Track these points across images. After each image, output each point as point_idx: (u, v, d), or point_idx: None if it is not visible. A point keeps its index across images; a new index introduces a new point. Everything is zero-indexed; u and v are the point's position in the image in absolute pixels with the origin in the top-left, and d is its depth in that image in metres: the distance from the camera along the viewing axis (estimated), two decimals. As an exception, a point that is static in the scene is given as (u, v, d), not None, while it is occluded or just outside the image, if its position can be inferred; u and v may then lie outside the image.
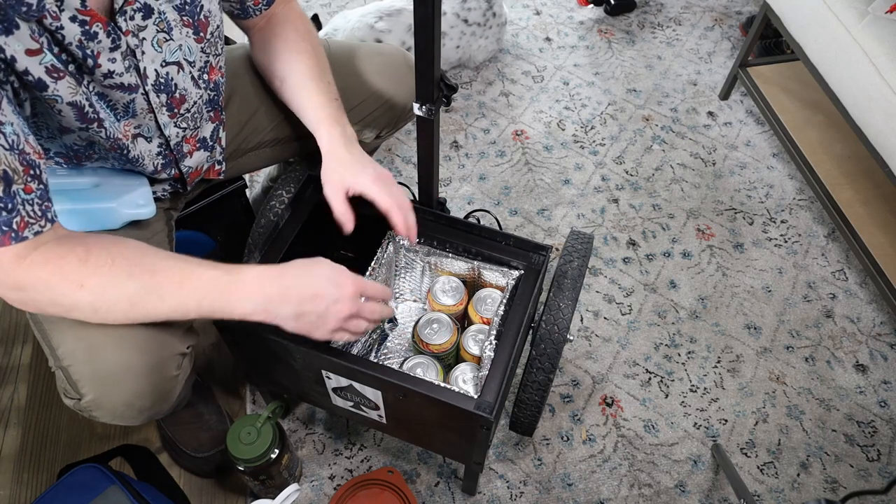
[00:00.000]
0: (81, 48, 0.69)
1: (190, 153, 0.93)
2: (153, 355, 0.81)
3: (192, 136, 0.91)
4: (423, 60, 0.87)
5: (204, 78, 0.87)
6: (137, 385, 0.81)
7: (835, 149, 1.57)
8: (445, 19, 1.73)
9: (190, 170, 0.94)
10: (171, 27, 0.78)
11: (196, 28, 0.82)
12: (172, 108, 0.84)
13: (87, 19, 0.67)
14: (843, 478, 1.20)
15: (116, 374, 0.79)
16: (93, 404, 0.80)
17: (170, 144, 0.88)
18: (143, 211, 0.88)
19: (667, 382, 1.31)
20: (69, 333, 0.78)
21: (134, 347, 0.79)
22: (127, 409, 0.82)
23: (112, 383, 0.79)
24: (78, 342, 0.78)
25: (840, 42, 1.33)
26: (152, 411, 0.87)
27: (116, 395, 0.80)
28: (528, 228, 1.55)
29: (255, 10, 0.94)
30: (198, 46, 0.83)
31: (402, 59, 1.13)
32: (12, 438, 1.23)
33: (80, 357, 0.78)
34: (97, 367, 0.78)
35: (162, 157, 0.89)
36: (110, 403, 0.81)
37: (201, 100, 0.89)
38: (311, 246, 1.03)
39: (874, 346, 1.37)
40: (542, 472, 1.19)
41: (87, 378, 0.79)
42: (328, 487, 1.17)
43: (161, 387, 0.84)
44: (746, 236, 1.55)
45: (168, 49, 0.79)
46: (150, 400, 0.84)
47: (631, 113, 1.81)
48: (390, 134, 1.20)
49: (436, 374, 0.96)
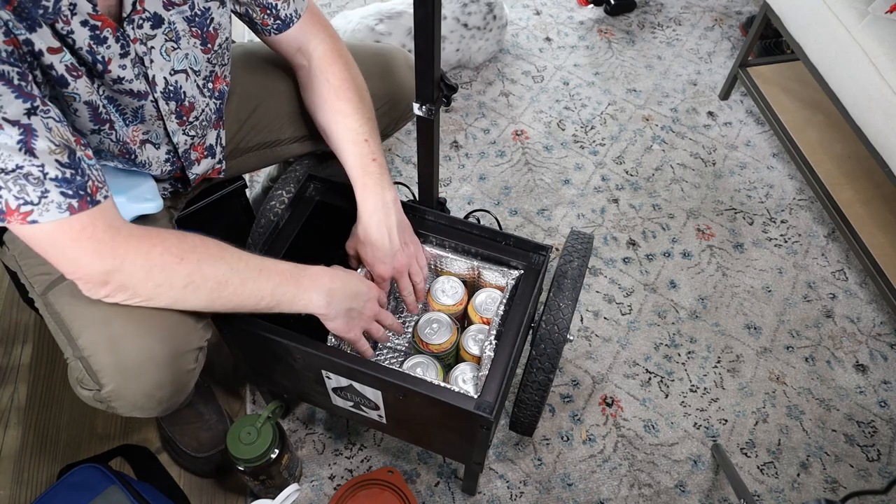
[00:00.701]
0: (91, 53, 0.70)
1: (198, 160, 0.94)
2: (174, 347, 0.81)
3: (199, 144, 0.92)
4: (423, 61, 0.87)
5: (209, 87, 0.88)
6: (159, 375, 0.81)
7: (835, 149, 1.57)
8: (445, 24, 1.73)
9: (196, 176, 0.95)
10: (180, 37, 0.79)
11: (204, 39, 0.82)
12: (182, 116, 0.85)
13: (98, 24, 0.69)
14: (843, 478, 1.20)
15: (139, 364, 0.79)
16: (113, 394, 0.80)
17: (178, 152, 0.89)
18: (151, 205, 0.88)
19: (667, 382, 1.31)
20: (90, 324, 0.78)
21: (156, 338, 0.79)
22: (147, 399, 0.82)
23: (134, 373, 0.79)
24: (100, 332, 0.78)
25: (840, 42, 1.33)
26: (170, 402, 0.87)
27: (137, 386, 0.80)
28: (528, 228, 1.55)
29: (265, 30, 0.93)
30: (204, 57, 0.84)
31: (402, 59, 1.13)
32: (12, 438, 1.23)
33: (102, 347, 0.78)
34: (120, 357, 0.78)
35: (170, 164, 0.90)
36: (131, 394, 0.81)
37: (208, 108, 0.89)
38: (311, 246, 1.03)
39: (874, 346, 1.37)
40: (542, 472, 1.19)
41: (109, 368, 0.78)
42: (328, 487, 1.17)
43: (180, 379, 0.84)
44: (746, 236, 1.55)
45: (176, 58, 0.80)
46: (170, 391, 0.84)
47: (631, 113, 1.81)
48: (390, 134, 1.20)
49: (436, 374, 0.96)
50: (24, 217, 0.64)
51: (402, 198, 1.11)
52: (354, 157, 0.94)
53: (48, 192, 0.64)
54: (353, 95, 0.96)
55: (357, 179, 0.94)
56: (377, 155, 0.95)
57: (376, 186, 0.94)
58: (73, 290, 0.79)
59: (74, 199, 0.66)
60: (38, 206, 0.64)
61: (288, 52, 0.97)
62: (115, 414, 0.85)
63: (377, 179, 0.94)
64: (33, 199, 0.64)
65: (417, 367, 0.97)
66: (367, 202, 0.94)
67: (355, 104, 0.96)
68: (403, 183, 1.38)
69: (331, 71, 0.96)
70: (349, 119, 0.95)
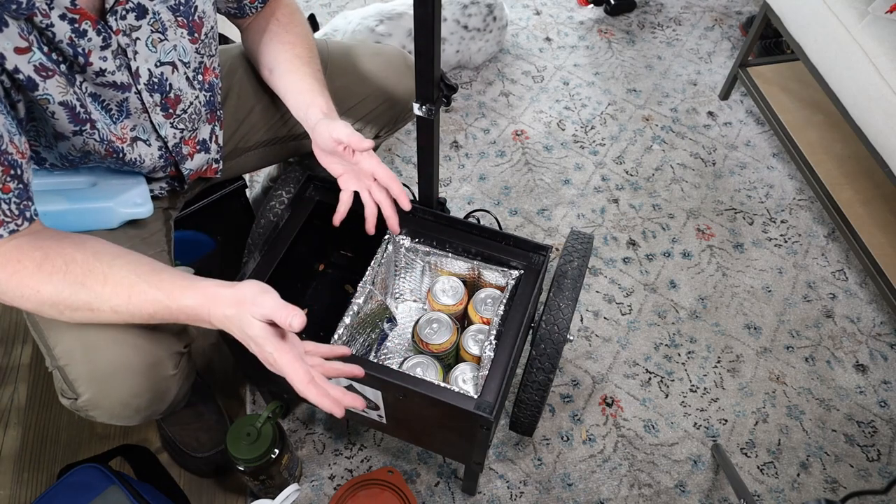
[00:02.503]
0: (72, 46, 0.69)
1: (191, 155, 0.93)
2: (150, 354, 0.81)
3: (190, 139, 0.91)
4: (423, 60, 0.87)
5: (199, 79, 0.87)
6: (134, 384, 0.81)
7: (835, 149, 1.57)
8: (445, 25, 1.73)
9: (190, 171, 0.95)
10: (166, 27, 0.78)
11: (191, 29, 0.82)
12: (167, 108, 0.84)
13: (77, 17, 0.68)
14: (843, 478, 1.20)
15: (113, 373, 0.79)
16: (89, 404, 0.81)
17: (168, 146, 0.88)
18: (141, 210, 0.88)
19: (667, 382, 1.31)
20: (65, 333, 0.78)
21: (130, 346, 0.79)
22: (123, 408, 0.82)
23: (109, 382, 0.79)
24: (74, 342, 0.78)
25: (840, 42, 1.33)
26: (149, 411, 0.87)
27: (113, 395, 0.80)
28: (528, 228, 1.55)
29: (251, 8, 0.95)
30: (192, 47, 0.83)
31: (402, 59, 1.13)
32: (12, 438, 1.23)
33: (76, 356, 0.78)
34: (94, 366, 0.78)
35: (163, 161, 0.89)
36: (107, 403, 0.81)
37: (197, 101, 0.89)
38: (310, 246, 1.03)
39: (874, 346, 1.37)
40: (542, 472, 1.19)
41: (84, 377, 0.79)
42: (328, 487, 1.17)
43: (158, 386, 0.84)
44: (746, 236, 1.55)
45: (163, 49, 0.79)
46: (147, 399, 0.84)
47: (631, 113, 1.81)
48: (390, 134, 1.20)
49: (436, 374, 0.96)
50: None
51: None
52: (309, 76, 0.93)
53: None
54: (300, 31, 0.97)
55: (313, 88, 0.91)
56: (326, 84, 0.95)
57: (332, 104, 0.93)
58: None
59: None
60: None
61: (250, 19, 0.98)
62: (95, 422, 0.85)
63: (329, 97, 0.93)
64: None
65: (417, 367, 0.97)
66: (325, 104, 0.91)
67: (302, 39, 0.96)
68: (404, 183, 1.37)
69: (279, 12, 0.97)
70: (297, 48, 0.95)
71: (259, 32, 0.98)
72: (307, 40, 0.98)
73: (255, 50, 0.99)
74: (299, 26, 0.98)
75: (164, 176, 0.93)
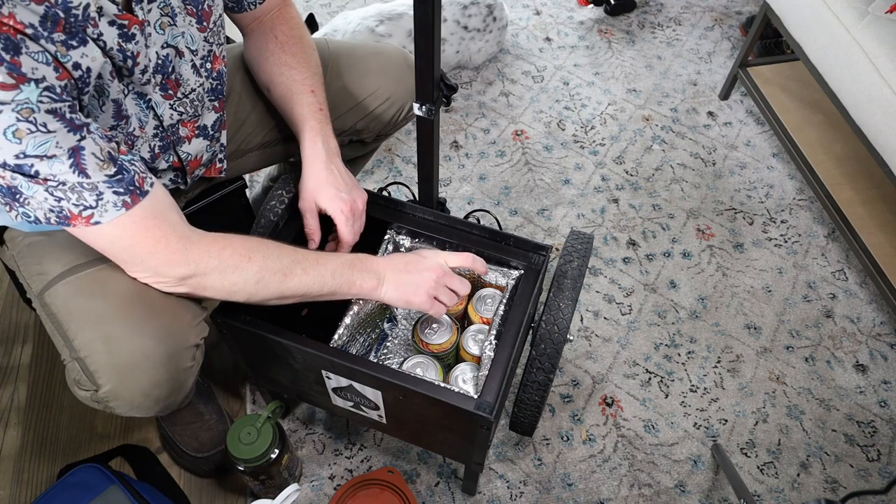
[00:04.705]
0: (122, 51, 0.72)
1: (188, 138, 0.92)
2: (170, 345, 0.81)
3: (189, 121, 0.91)
4: (423, 61, 0.87)
5: (207, 67, 0.88)
6: (155, 374, 0.81)
7: (835, 149, 1.57)
8: (445, 26, 1.73)
9: (189, 157, 0.94)
10: (176, 13, 0.79)
11: (199, 17, 0.83)
12: (167, 89, 0.84)
13: (126, 23, 0.70)
14: (843, 478, 1.20)
15: (135, 363, 0.79)
16: (110, 394, 0.80)
17: (163, 125, 0.87)
18: None
19: (667, 382, 1.31)
20: (85, 324, 0.78)
21: (151, 337, 0.79)
22: (144, 398, 0.82)
23: (130, 373, 0.79)
24: (94, 333, 0.78)
25: (840, 42, 1.33)
26: (168, 401, 0.87)
27: (134, 385, 0.80)
28: (528, 228, 1.55)
29: (249, 3, 0.95)
30: (201, 35, 0.84)
31: (402, 59, 1.13)
32: (12, 438, 1.23)
33: (98, 347, 0.78)
34: (115, 356, 0.78)
35: (159, 140, 0.87)
36: (128, 393, 0.81)
37: (202, 88, 0.89)
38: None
39: (874, 346, 1.37)
40: (542, 472, 1.19)
41: (105, 368, 0.78)
42: (328, 487, 1.17)
43: (177, 377, 0.84)
44: (746, 236, 1.55)
45: (171, 33, 0.80)
46: (167, 389, 0.84)
47: (631, 113, 1.81)
48: (390, 134, 1.20)
49: (436, 374, 0.96)
50: (87, 220, 0.69)
51: (402, 198, 1.12)
52: (302, 105, 0.96)
53: (102, 193, 0.69)
54: (299, 50, 0.98)
55: (305, 122, 0.96)
56: (323, 105, 0.98)
57: (324, 131, 0.96)
58: (69, 290, 0.79)
59: (126, 195, 0.71)
60: (97, 209, 0.69)
61: (250, 21, 0.99)
62: (113, 414, 0.85)
63: (324, 126, 0.97)
64: (91, 203, 0.69)
65: (417, 367, 0.97)
66: (315, 144, 0.95)
67: (300, 58, 0.98)
68: (403, 183, 1.38)
69: (279, 28, 0.98)
70: (294, 71, 0.97)
71: (258, 50, 0.99)
72: (305, 58, 0.98)
73: (253, 65, 1.02)
74: (297, 45, 0.98)
75: (167, 167, 0.92)
